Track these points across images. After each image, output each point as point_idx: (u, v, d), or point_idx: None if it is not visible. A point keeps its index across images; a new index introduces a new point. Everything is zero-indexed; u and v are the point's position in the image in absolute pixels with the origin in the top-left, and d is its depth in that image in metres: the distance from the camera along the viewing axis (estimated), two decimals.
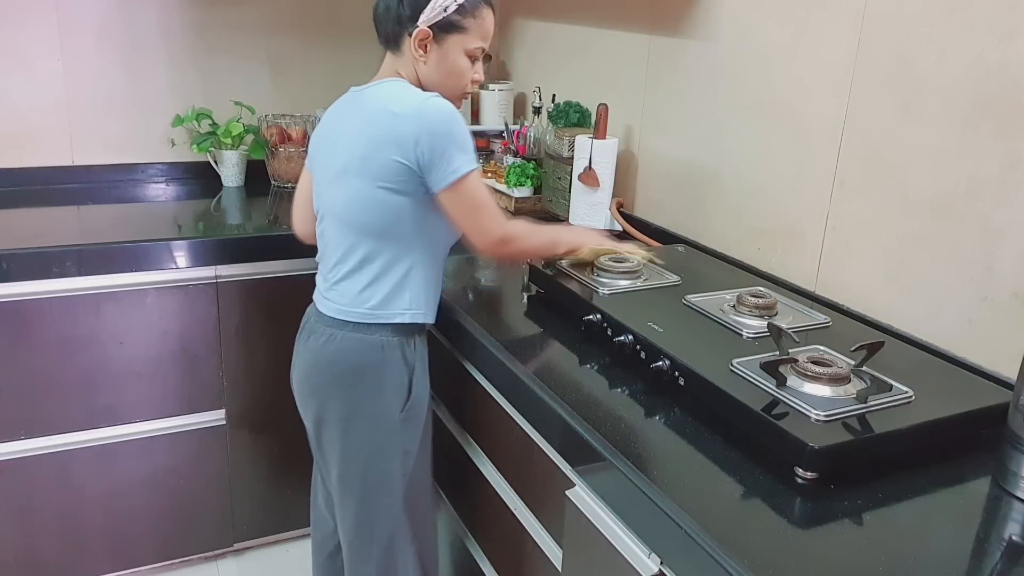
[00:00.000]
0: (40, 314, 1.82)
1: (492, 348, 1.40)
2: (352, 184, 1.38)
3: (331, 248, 1.46)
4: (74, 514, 1.98)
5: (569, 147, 2.06)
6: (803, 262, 1.59)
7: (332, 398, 1.45)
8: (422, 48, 1.40)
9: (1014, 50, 1.20)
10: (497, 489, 1.49)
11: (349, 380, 1.43)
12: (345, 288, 1.43)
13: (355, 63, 2.57)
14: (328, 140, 1.47)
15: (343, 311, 1.43)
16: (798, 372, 1.14)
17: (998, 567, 0.90)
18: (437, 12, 1.37)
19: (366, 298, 1.42)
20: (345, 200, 1.40)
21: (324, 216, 1.48)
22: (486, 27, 1.43)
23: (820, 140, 1.53)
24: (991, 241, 1.25)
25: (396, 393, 1.44)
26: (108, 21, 2.28)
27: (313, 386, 1.48)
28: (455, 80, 1.44)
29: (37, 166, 2.29)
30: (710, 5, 1.77)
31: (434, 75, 1.43)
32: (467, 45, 1.42)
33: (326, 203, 1.46)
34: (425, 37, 1.39)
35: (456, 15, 1.38)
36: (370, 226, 1.39)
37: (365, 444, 1.44)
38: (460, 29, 1.40)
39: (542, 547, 1.34)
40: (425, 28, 1.38)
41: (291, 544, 2.27)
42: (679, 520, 0.94)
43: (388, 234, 1.39)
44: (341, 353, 1.43)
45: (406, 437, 1.46)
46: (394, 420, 1.44)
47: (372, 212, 1.38)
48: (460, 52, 1.42)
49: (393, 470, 1.46)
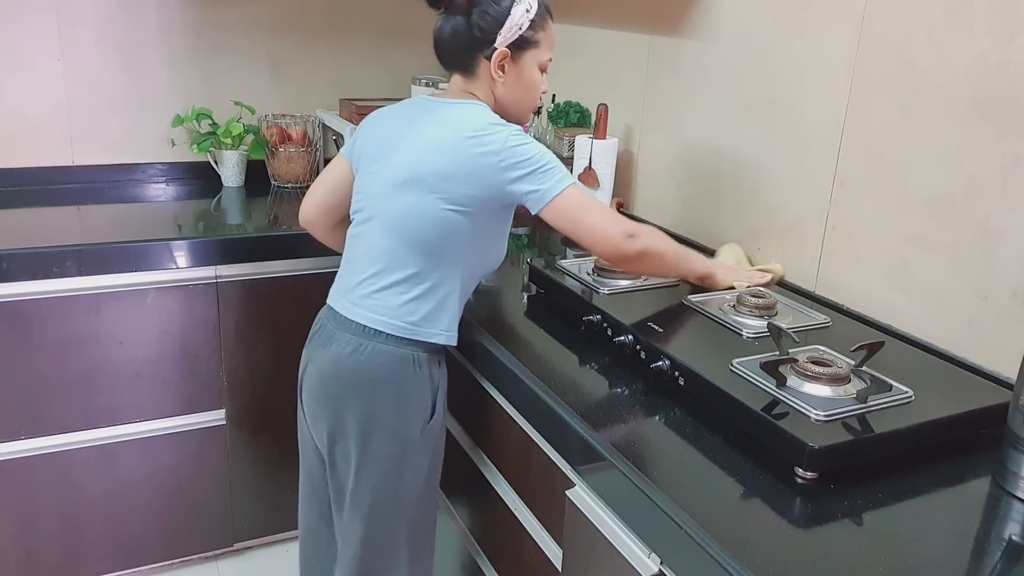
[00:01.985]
0: (40, 314, 1.82)
1: (492, 348, 1.40)
2: (419, 197, 1.34)
3: (374, 255, 1.40)
4: (74, 514, 1.97)
5: (569, 147, 2.06)
6: (803, 262, 1.59)
7: (351, 409, 1.39)
8: (501, 69, 1.38)
9: (1014, 50, 1.20)
10: (497, 489, 1.49)
11: (372, 392, 1.38)
12: (385, 298, 1.38)
13: (355, 63, 2.58)
14: (390, 142, 1.41)
15: (379, 321, 1.37)
16: (798, 372, 1.14)
17: (998, 567, 0.90)
18: (513, 32, 1.36)
19: (407, 312, 1.37)
20: (406, 210, 1.36)
21: (372, 219, 1.41)
22: (553, 37, 1.43)
23: (820, 140, 1.53)
24: (991, 241, 1.25)
25: (419, 410, 1.40)
26: (108, 21, 2.27)
27: (331, 395, 1.42)
28: (532, 95, 1.43)
29: (37, 166, 2.29)
30: (710, 5, 1.77)
31: (511, 93, 1.41)
32: (540, 58, 1.41)
33: (380, 208, 1.40)
34: (504, 58, 1.37)
35: (529, 31, 1.37)
36: (426, 242, 1.35)
37: (381, 460, 1.40)
38: (534, 44, 1.39)
39: (542, 547, 1.34)
40: (504, 49, 1.36)
41: (291, 544, 2.26)
42: (679, 520, 0.94)
43: (441, 252, 1.36)
44: (369, 364, 1.38)
45: (422, 455, 1.43)
46: (414, 437, 1.40)
47: (433, 228, 1.35)
48: (535, 66, 1.41)
49: (405, 487, 1.42)
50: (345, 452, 1.42)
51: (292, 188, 2.44)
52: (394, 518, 1.43)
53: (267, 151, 2.41)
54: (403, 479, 1.42)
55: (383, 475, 1.41)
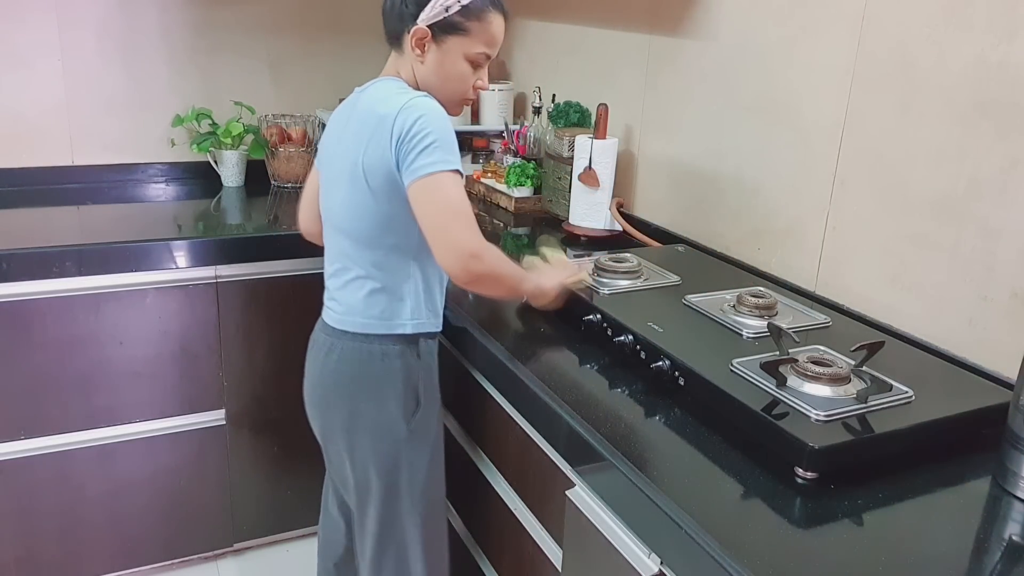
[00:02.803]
0: (40, 314, 1.82)
1: (492, 348, 1.40)
2: (346, 190, 1.35)
3: (332, 255, 1.44)
4: (74, 514, 1.97)
5: (569, 147, 2.06)
6: (803, 262, 1.59)
7: (334, 409, 1.43)
8: (419, 48, 1.33)
9: (1014, 50, 1.20)
10: (497, 489, 1.49)
11: (348, 391, 1.41)
12: (345, 297, 1.41)
13: (355, 63, 2.57)
14: (330, 143, 1.44)
15: (343, 320, 1.41)
16: (798, 372, 1.14)
17: (998, 567, 0.90)
18: (438, 11, 1.30)
19: (368, 307, 1.38)
20: (340, 207, 1.38)
21: (326, 221, 1.46)
22: (492, 32, 1.35)
23: (820, 140, 1.53)
24: (991, 241, 1.25)
25: (400, 403, 1.40)
26: (108, 21, 2.28)
27: (318, 397, 1.47)
28: (453, 85, 1.37)
29: (37, 166, 2.29)
30: (710, 5, 1.77)
31: (431, 77, 1.36)
32: (468, 49, 1.34)
33: (326, 208, 1.44)
34: (423, 37, 1.32)
35: (459, 16, 1.31)
36: (365, 234, 1.36)
37: (372, 455, 1.41)
38: (461, 31, 1.32)
39: (542, 547, 1.34)
40: (423, 27, 1.31)
41: (291, 544, 2.26)
42: (679, 520, 0.94)
43: (383, 243, 1.36)
44: (341, 363, 1.41)
45: (416, 448, 1.43)
46: (400, 431, 1.40)
47: (365, 220, 1.34)
48: (460, 56, 1.34)
49: (404, 481, 1.43)
50: (337, 451, 1.46)
51: (292, 188, 2.44)
52: (401, 511, 1.45)
53: (267, 151, 2.41)
54: (401, 473, 1.42)
55: (379, 471, 1.42)
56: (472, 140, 2.53)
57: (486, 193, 2.36)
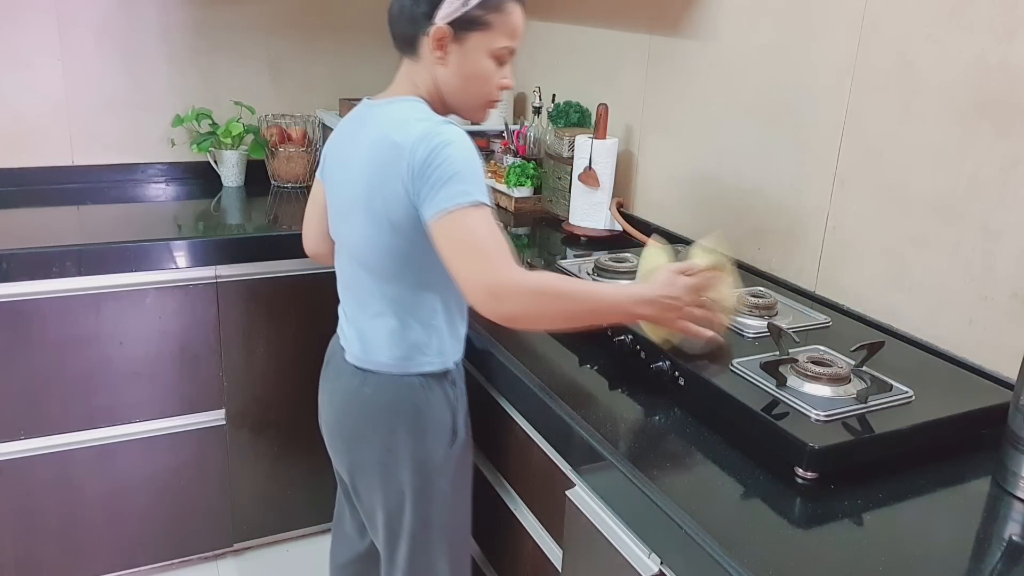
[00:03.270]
0: (40, 314, 1.82)
1: (491, 348, 1.40)
2: (361, 222, 1.24)
3: (350, 287, 1.35)
4: (74, 514, 1.97)
5: (569, 147, 2.06)
6: (803, 262, 1.59)
7: (368, 444, 1.32)
8: (440, 49, 1.23)
9: (1014, 50, 1.20)
10: (497, 489, 1.49)
11: (387, 424, 1.31)
12: (370, 334, 1.31)
13: (355, 63, 2.57)
14: (340, 161, 1.31)
15: (371, 361, 1.31)
16: (798, 372, 1.14)
17: (998, 567, 0.90)
18: (457, 7, 1.19)
19: (392, 346, 1.29)
20: (357, 240, 1.27)
21: (340, 248, 1.35)
22: (513, 23, 1.25)
23: (820, 140, 1.53)
24: (991, 241, 1.25)
25: (439, 435, 1.32)
26: (108, 21, 2.28)
27: (347, 430, 1.35)
28: (479, 86, 1.27)
29: (37, 166, 2.29)
30: (710, 5, 1.77)
31: (454, 80, 1.26)
32: (492, 45, 1.24)
33: (341, 236, 1.32)
34: (444, 36, 1.21)
35: (478, 10, 1.20)
36: (385, 270, 1.26)
37: (408, 489, 1.33)
38: (483, 26, 1.22)
39: (542, 547, 1.34)
40: (444, 26, 1.20)
41: (291, 544, 2.26)
42: (679, 520, 0.94)
43: (405, 279, 1.26)
44: (378, 396, 1.30)
45: (450, 479, 1.36)
46: (437, 463, 1.33)
47: (385, 255, 1.24)
48: (483, 53, 1.24)
49: (436, 513, 1.35)
50: (368, 486, 1.37)
51: (292, 188, 2.44)
52: (432, 543, 1.38)
53: (267, 151, 2.41)
54: (433, 505, 1.35)
55: (414, 504, 1.34)
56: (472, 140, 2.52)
57: None
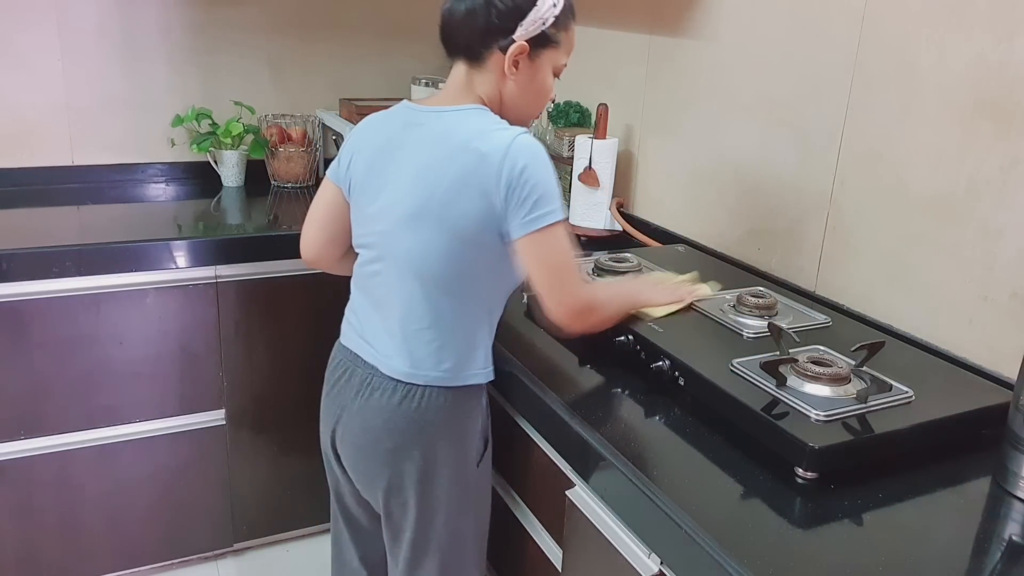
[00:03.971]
0: (40, 314, 1.82)
1: None
2: (429, 232, 1.21)
3: (393, 300, 1.28)
4: (74, 514, 1.97)
5: (569, 147, 2.06)
6: (803, 262, 1.59)
7: (410, 460, 1.28)
8: (515, 65, 1.23)
9: (1014, 50, 1.20)
10: (497, 489, 1.49)
11: (431, 438, 1.28)
12: (415, 347, 1.27)
13: (355, 63, 2.57)
14: (384, 167, 1.27)
15: (414, 375, 1.27)
16: (798, 372, 1.14)
17: (998, 567, 0.90)
18: (537, 26, 1.21)
19: (439, 361, 1.27)
20: (420, 250, 1.23)
21: (383, 258, 1.29)
22: (573, 41, 1.30)
23: (820, 140, 1.53)
24: (991, 241, 1.25)
25: (476, 443, 1.33)
26: (108, 21, 2.27)
27: (388, 449, 1.29)
28: (541, 100, 1.30)
29: (37, 166, 2.29)
30: (710, 5, 1.77)
31: (520, 95, 1.27)
32: (557, 61, 1.27)
33: (389, 247, 1.27)
34: (522, 53, 1.22)
35: (552, 28, 1.23)
36: (446, 282, 1.24)
37: (443, 503, 1.31)
38: (554, 44, 1.25)
39: (542, 547, 1.34)
40: (523, 43, 1.21)
41: (291, 544, 2.26)
42: (679, 520, 0.94)
43: (464, 290, 1.25)
44: (423, 410, 1.27)
45: (480, 490, 1.36)
46: (472, 473, 1.33)
47: (448, 265, 1.22)
48: (550, 69, 1.27)
49: (468, 524, 1.35)
50: (402, 503, 1.32)
51: (292, 188, 2.44)
52: (466, 561, 1.37)
53: (267, 151, 2.41)
54: (466, 517, 1.34)
55: (447, 518, 1.32)
56: None
57: None
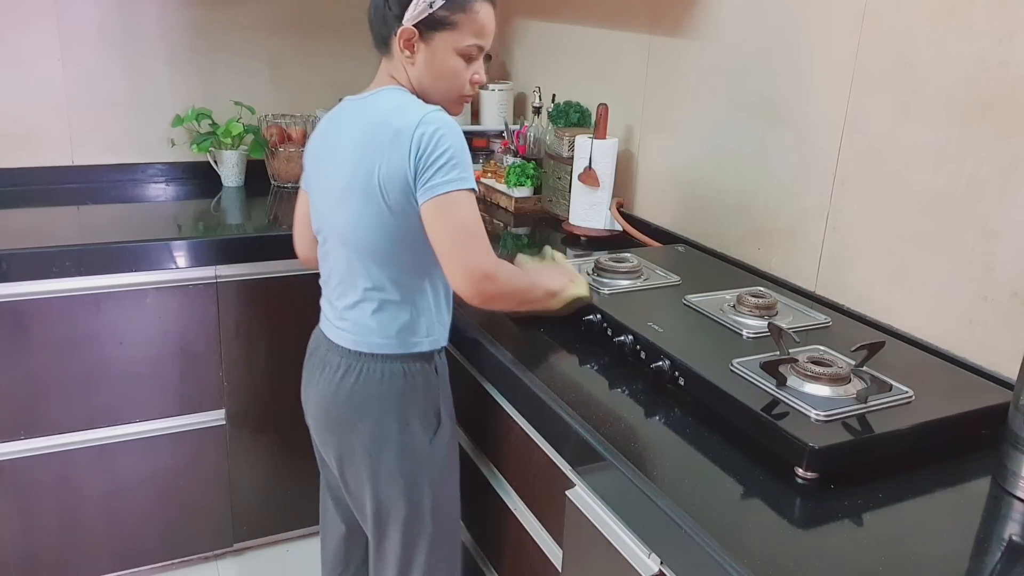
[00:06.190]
0: (40, 314, 1.82)
1: (492, 348, 1.40)
2: (356, 205, 1.28)
3: (336, 273, 1.37)
4: (74, 514, 1.98)
5: (569, 147, 2.06)
6: (803, 262, 1.59)
7: (355, 432, 1.36)
8: (408, 48, 1.29)
9: (1014, 50, 1.20)
10: (497, 489, 1.49)
11: (373, 411, 1.34)
12: (356, 318, 1.34)
13: (355, 63, 2.57)
14: (326, 156, 1.36)
15: (358, 342, 1.34)
16: (798, 372, 1.14)
17: (998, 567, 0.90)
18: (422, 8, 1.26)
19: (381, 328, 1.33)
20: (349, 222, 1.30)
21: (327, 238, 1.38)
22: (480, 22, 1.30)
23: (820, 140, 1.53)
24: (991, 241, 1.25)
25: (424, 422, 1.37)
26: (108, 21, 2.28)
27: (333, 420, 1.38)
28: (448, 83, 1.33)
29: (37, 166, 2.29)
30: (710, 5, 1.77)
31: (424, 78, 1.32)
32: (458, 43, 1.29)
33: (329, 224, 1.36)
34: (410, 36, 1.28)
35: (444, 11, 1.26)
36: (379, 250, 1.30)
37: (397, 476, 1.36)
38: (449, 26, 1.28)
39: (542, 547, 1.34)
40: (410, 27, 1.27)
41: (291, 544, 2.26)
42: (679, 520, 0.94)
43: (398, 259, 1.30)
44: (363, 384, 1.34)
45: (437, 466, 1.39)
46: (423, 449, 1.37)
47: (378, 234, 1.28)
48: (450, 51, 1.30)
49: (427, 500, 1.39)
50: (356, 474, 1.39)
51: (292, 188, 2.44)
52: (423, 531, 1.40)
53: (267, 151, 2.41)
54: (423, 492, 1.38)
55: (404, 492, 1.37)
56: (472, 140, 2.53)
57: (486, 193, 2.36)
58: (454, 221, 1.23)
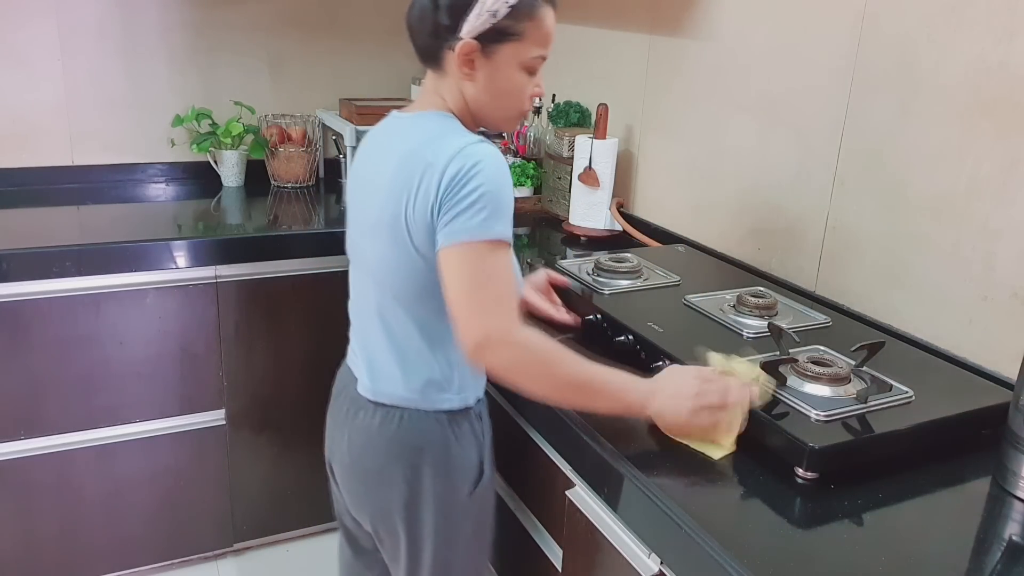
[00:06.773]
0: (40, 314, 1.82)
1: None
2: (384, 243, 1.14)
3: (366, 308, 1.23)
4: (74, 514, 1.97)
5: (569, 147, 2.06)
6: (803, 262, 1.59)
7: (392, 484, 1.22)
8: (468, 65, 1.12)
9: (1014, 50, 1.20)
10: (498, 489, 1.48)
11: (411, 462, 1.20)
12: (386, 366, 1.20)
13: (355, 63, 2.57)
14: (364, 179, 1.21)
15: (386, 394, 1.21)
16: (798, 372, 1.14)
17: (998, 567, 0.90)
18: (484, 20, 1.08)
19: (406, 380, 1.19)
20: (379, 261, 1.16)
21: (356, 265, 1.25)
22: (546, 29, 1.15)
23: (820, 140, 1.53)
24: (991, 241, 1.25)
25: (464, 473, 1.23)
26: (108, 21, 2.27)
27: (369, 470, 1.24)
28: (509, 100, 1.17)
29: (37, 166, 2.29)
30: (710, 5, 1.77)
31: (484, 96, 1.15)
32: (524, 56, 1.13)
33: (359, 255, 1.23)
34: (471, 51, 1.11)
35: (508, 20, 1.09)
36: (409, 294, 1.16)
37: (431, 532, 1.23)
38: (514, 36, 1.11)
39: (542, 547, 1.34)
40: (471, 41, 1.10)
41: (291, 544, 2.26)
42: (679, 520, 0.94)
43: (429, 305, 1.15)
44: (402, 432, 1.20)
45: (471, 520, 1.27)
46: (462, 502, 1.24)
47: (406, 277, 1.14)
48: (515, 65, 1.13)
49: (458, 557, 1.27)
50: (391, 530, 1.26)
51: (292, 188, 2.44)
52: None
53: (267, 151, 2.41)
54: (454, 549, 1.26)
55: (435, 548, 1.25)
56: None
57: None
58: (465, 275, 1.05)
